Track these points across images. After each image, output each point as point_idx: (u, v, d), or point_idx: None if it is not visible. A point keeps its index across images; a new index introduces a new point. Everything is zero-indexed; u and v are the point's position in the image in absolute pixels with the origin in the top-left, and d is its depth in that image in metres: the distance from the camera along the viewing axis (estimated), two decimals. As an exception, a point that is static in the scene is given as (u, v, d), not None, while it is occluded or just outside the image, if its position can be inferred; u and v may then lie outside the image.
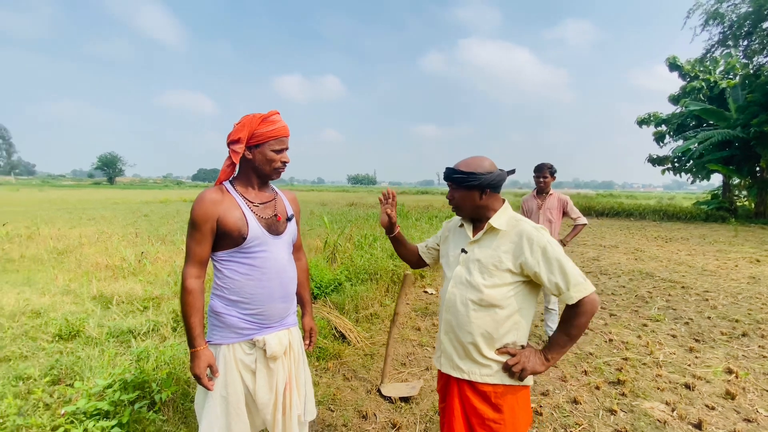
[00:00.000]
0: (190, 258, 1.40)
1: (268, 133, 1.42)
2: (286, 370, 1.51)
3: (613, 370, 3.14)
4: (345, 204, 22.48)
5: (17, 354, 3.32)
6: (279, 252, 1.48)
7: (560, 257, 1.29)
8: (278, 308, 1.49)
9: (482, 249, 1.39)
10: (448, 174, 1.41)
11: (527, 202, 3.84)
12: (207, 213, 1.37)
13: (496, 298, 1.34)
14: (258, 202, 1.48)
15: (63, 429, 1.77)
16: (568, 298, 1.28)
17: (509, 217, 1.40)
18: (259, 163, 1.45)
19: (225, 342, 1.44)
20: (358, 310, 3.86)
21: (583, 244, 10.11)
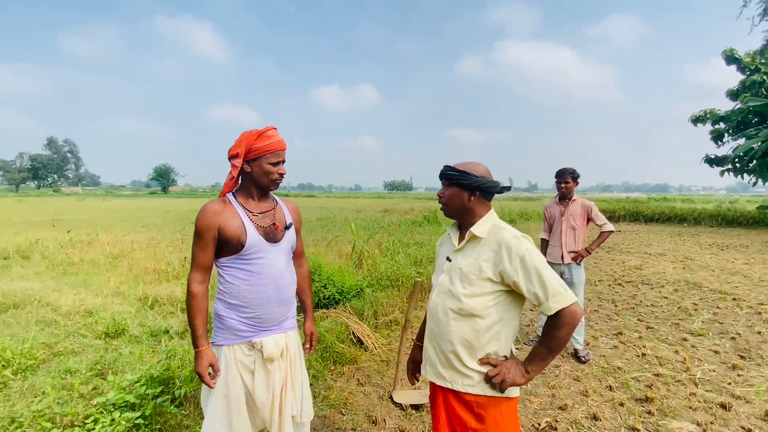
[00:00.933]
0: (195, 264, 1.53)
1: (264, 147, 1.52)
2: (282, 371, 1.59)
3: (641, 387, 2.96)
4: (379, 210, 22.68)
5: (69, 350, 3.68)
6: (276, 259, 1.57)
7: (539, 266, 1.28)
8: (275, 312, 1.58)
9: (464, 258, 1.41)
10: (443, 171, 1.44)
11: (549, 208, 3.73)
12: (209, 223, 1.49)
13: (476, 308, 1.34)
14: (257, 211, 1.58)
15: (93, 418, 1.96)
16: (546, 308, 1.27)
17: (492, 225, 1.40)
18: (257, 176, 1.55)
19: (226, 343, 1.55)
20: (378, 316, 3.92)
21: (625, 251, 9.54)
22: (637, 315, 4.65)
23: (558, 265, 3.58)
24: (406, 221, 14.31)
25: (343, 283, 4.07)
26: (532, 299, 1.30)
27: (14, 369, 3.15)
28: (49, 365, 3.32)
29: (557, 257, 3.57)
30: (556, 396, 2.84)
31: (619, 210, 18.74)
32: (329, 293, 3.89)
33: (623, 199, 30.34)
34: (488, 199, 1.43)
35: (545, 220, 3.76)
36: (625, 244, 10.64)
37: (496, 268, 1.32)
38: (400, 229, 11.67)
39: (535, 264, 1.28)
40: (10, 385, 2.98)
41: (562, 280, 1.30)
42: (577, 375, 3.14)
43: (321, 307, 3.86)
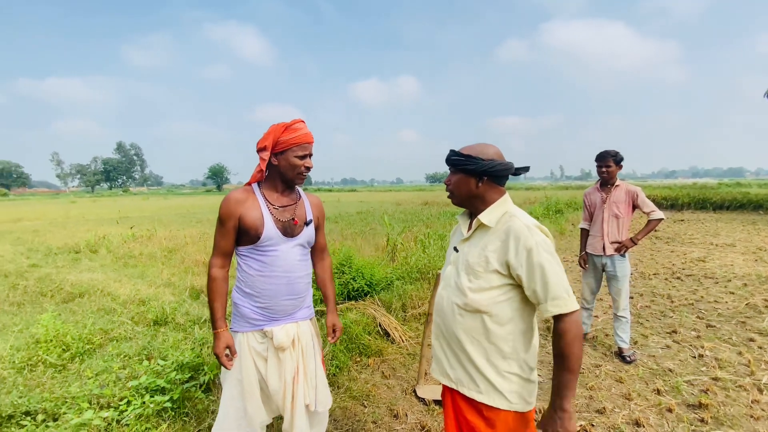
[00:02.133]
0: (216, 249, 1.58)
1: (291, 140, 1.52)
2: (294, 360, 1.60)
3: (695, 391, 2.67)
4: (419, 203, 22.50)
5: (123, 335, 4.00)
6: (290, 253, 1.58)
7: (545, 263, 1.15)
8: (284, 305, 1.59)
9: (471, 248, 1.30)
10: (448, 156, 1.34)
11: (590, 195, 3.43)
12: (230, 211, 1.53)
13: (482, 304, 1.23)
14: (278, 205, 1.59)
15: (127, 399, 2.10)
16: (543, 310, 1.16)
17: (503, 212, 1.28)
18: (284, 169, 1.56)
19: (241, 330, 1.59)
20: (406, 308, 3.86)
21: (688, 242, 8.69)
22: (696, 312, 4.20)
23: (599, 256, 3.30)
24: (446, 213, 14.06)
25: (372, 275, 4.06)
26: (531, 297, 1.19)
27: (73, 353, 3.47)
28: (104, 350, 3.62)
29: (598, 248, 3.29)
30: (593, 398, 2.63)
31: (682, 197, 17.11)
32: (358, 285, 3.90)
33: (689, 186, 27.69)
34: (500, 183, 1.31)
35: (585, 208, 3.47)
36: (688, 234, 9.70)
37: (502, 258, 1.21)
38: (439, 221, 11.49)
39: (541, 260, 1.15)
40: (68, 368, 3.29)
41: (568, 285, 1.17)
42: (620, 376, 2.89)
43: (350, 298, 3.87)
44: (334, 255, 4.43)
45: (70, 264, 7.63)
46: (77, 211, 24.23)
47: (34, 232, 12.86)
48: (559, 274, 1.16)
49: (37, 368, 3.27)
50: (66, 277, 6.39)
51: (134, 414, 2.02)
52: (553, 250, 1.20)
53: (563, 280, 1.16)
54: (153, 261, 7.84)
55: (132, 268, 7.30)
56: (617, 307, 3.25)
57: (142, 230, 11.84)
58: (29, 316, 4.70)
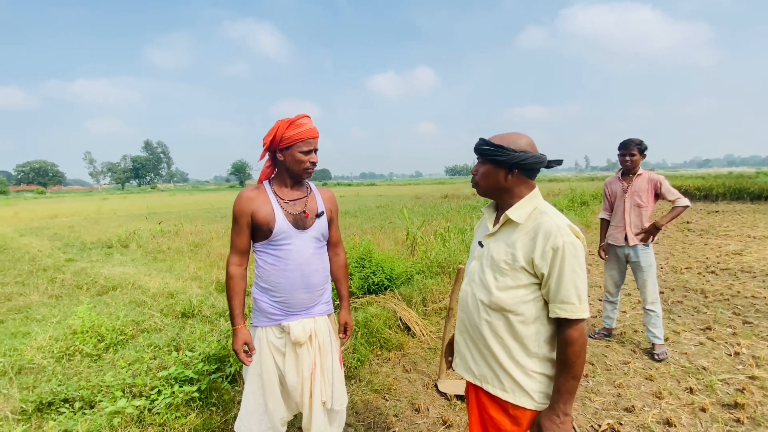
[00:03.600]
0: (232, 247, 1.61)
1: (295, 135, 1.53)
2: (311, 356, 1.61)
3: (731, 390, 2.55)
4: (439, 196, 22.33)
5: (153, 327, 4.15)
6: (303, 246, 1.59)
7: (567, 264, 1.11)
8: (301, 298, 1.60)
9: (497, 244, 1.26)
10: (477, 145, 1.27)
11: (610, 185, 3.32)
12: (242, 208, 1.56)
13: (508, 303, 1.20)
14: (288, 199, 1.61)
15: (158, 389, 2.18)
16: (550, 310, 1.14)
17: (533, 208, 1.22)
18: (290, 164, 1.58)
19: (261, 325, 1.62)
20: (427, 303, 3.85)
21: (723, 234, 8.29)
22: (732, 308, 4.01)
23: (621, 247, 3.20)
24: (466, 206, 13.90)
25: (392, 270, 4.06)
26: (544, 295, 1.17)
27: (107, 343, 3.63)
28: (136, 341, 3.77)
29: (619, 239, 3.20)
30: (622, 396, 2.55)
31: (717, 187, 16.28)
32: (378, 279, 3.91)
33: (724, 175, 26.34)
34: (531, 176, 1.25)
35: (605, 198, 3.36)
36: (723, 226, 9.25)
37: (528, 256, 1.17)
38: (459, 214, 11.37)
39: (565, 261, 1.12)
40: (104, 357, 3.44)
41: (584, 293, 1.13)
42: (650, 374, 2.79)
43: (370, 293, 3.89)
44: (354, 249, 4.45)
45: (103, 258, 7.98)
46: (109, 207, 25.27)
47: (70, 227, 13.50)
48: (577, 278, 1.12)
49: (75, 357, 3.44)
50: (100, 271, 6.69)
51: (164, 403, 2.10)
52: (582, 254, 1.15)
53: (580, 286, 1.12)
54: (180, 255, 8.09)
55: (161, 262, 7.56)
56: (645, 299, 3.14)
57: (170, 226, 12.24)
58: (66, 308, 4.95)
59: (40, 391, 2.66)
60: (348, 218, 12.65)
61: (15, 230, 13.19)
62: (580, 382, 1.16)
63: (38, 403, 2.56)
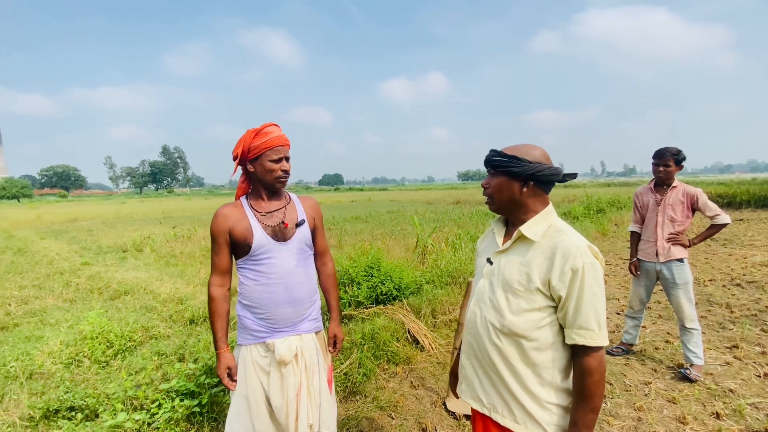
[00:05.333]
0: (212, 268, 1.56)
1: (262, 144, 1.49)
2: (297, 376, 1.53)
3: (761, 416, 2.38)
4: (451, 202, 22.15)
5: (162, 333, 4.15)
6: (285, 258, 1.53)
7: (587, 287, 1.03)
8: (285, 313, 1.53)
9: (509, 262, 1.17)
10: (488, 156, 1.20)
11: (642, 196, 3.11)
12: (219, 227, 1.52)
13: (521, 327, 1.11)
14: (265, 211, 1.56)
15: (158, 402, 2.14)
16: (567, 336, 1.06)
17: (548, 225, 1.14)
18: (261, 175, 1.53)
19: (245, 343, 1.55)
20: (436, 314, 3.75)
21: (748, 244, 7.94)
22: (760, 324, 3.80)
23: (652, 263, 3.00)
24: (478, 212, 13.72)
25: (401, 279, 3.97)
26: (560, 319, 1.08)
27: (116, 349, 3.63)
28: (143, 347, 3.77)
29: (651, 254, 2.99)
30: (642, 420, 2.41)
31: (741, 194, 15.69)
32: (386, 289, 3.83)
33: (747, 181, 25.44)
34: (546, 190, 1.18)
35: (636, 210, 3.16)
36: (748, 236, 8.87)
37: (545, 277, 1.09)
38: (471, 221, 11.21)
39: (584, 283, 1.03)
40: (111, 364, 3.44)
41: (604, 318, 1.05)
42: (674, 396, 2.63)
43: (378, 302, 3.81)
44: (363, 256, 4.38)
45: (117, 262, 8.09)
46: (126, 211, 25.83)
47: (88, 231, 13.80)
48: (597, 302, 1.04)
49: (83, 363, 3.45)
50: (113, 275, 6.77)
51: (164, 417, 2.05)
52: (601, 276, 1.07)
53: (600, 310, 1.04)
54: (192, 260, 8.14)
55: (173, 267, 7.62)
56: (683, 318, 2.90)
57: (183, 230, 12.38)
58: (79, 312, 5.00)
59: (47, 397, 2.66)
60: (359, 224, 12.61)
61: (36, 233, 13.55)
62: (598, 414, 1.07)
63: (45, 410, 2.56)
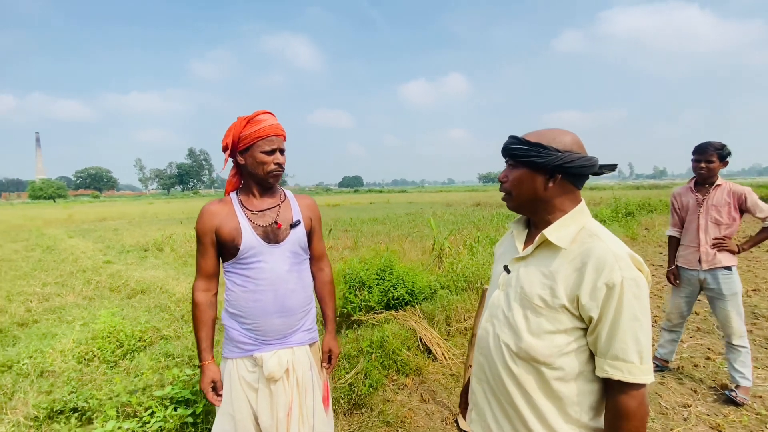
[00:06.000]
0: (198, 271, 1.42)
1: (254, 133, 1.34)
2: (288, 394, 1.38)
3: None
4: (471, 204, 21.73)
5: (172, 335, 4.10)
6: (276, 262, 1.38)
7: (626, 308, 0.83)
8: (275, 324, 1.38)
9: (530, 272, 0.97)
10: (507, 144, 1.00)
11: (681, 196, 2.79)
12: (204, 226, 1.38)
13: (542, 352, 0.90)
14: (257, 209, 1.41)
15: (152, 410, 2.03)
16: (599, 366, 0.86)
17: (579, 228, 0.93)
18: (252, 167, 1.38)
19: (231, 356, 1.41)
20: (450, 322, 3.54)
21: (796, 251, 7.33)
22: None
23: (694, 271, 2.68)
24: (498, 215, 13.34)
25: (414, 283, 3.78)
26: (590, 344, 0.88)
27: (125, 349, 3.59)
28: (153, 348, 3.72)
29: (692, 261, 2.67)
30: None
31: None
32: (398, 294, 3.65)
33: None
34: (577, 185, 0.96)
35: (674, 212, 2.85)
36: (796, 242, 8.20)
37: (573, 292, 0.89)
38: (491, 223, 10.88)
39: (623, 303, 0.83)
40: (119, 364, 3.40)
41: (647, 349, 0.84)
42: (717, 422, 2.34)
43: (390, 308, 3.63)
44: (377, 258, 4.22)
45: (138, 261, 8.22)
46: (153, 211, 26.61)
47: (114, 230, 14.22)
48: (639, 328, 0.83)
49: (93, 363, 3.42)
50: (132, 274, 6.86)
51: (155, 427, 1.94)
52: (646, 295, 0.85)
53: (642, 338, 0.83)
54: (209, 260, 8.19)
55: (190, 266, 7.67)
56: (730, 333, 2.58)
57: (204, 230, 12.53)
58: (96, 310, 5.04)
59: (52, 397, 2.62)
60: (376, 225, 12.47)
61: (66, 232, 14.06)
62: None
63: (49, 410, 2.51)
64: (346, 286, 3.89)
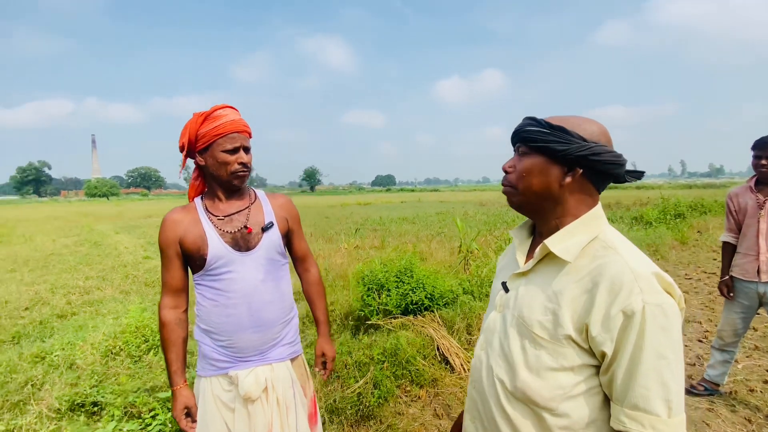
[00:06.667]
0: (163, 287, 1.31)
1: (213, 131, 1.22)
2: (267, 414, 1.27)
3: None
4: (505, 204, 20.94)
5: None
6: (249, 272, 1.26)
7: (649, 345, 0.65)
8: (251, 340, 1.27)
9: (530, 291, 0.80)
10: (521, 126, 0.82)
11: (737, 197, 2.47)
12: (167, 237, 1.27)
13: (541, 395, 0.74)
14: (223, 214, 1.29)
15: (155, 412, 2.02)
16: (614, 416, 0.69)
17: (591, 238, 0.76)
18: (214, 169, 1.26)
19: (205, 374, 1.31)
20: (472, 330, 3.34)
21: None
22: None
23: (752, 283, 2.37)
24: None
25: (434, 287, 3.61)
26: (604, 385, 0.71)
27: (149, 345, 3.68)
28: (175, 344, 3.79)
29: (750, 272, 2.36)
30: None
31: None
32: (417, 298, 3.49)
33: None
34: (599, 186, 0.79)
35: (729, 215, 2.52)
36: None
37: (581, 320, 0.71)
38: (526, 224, 10.41)
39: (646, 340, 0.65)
40: (144, 359, 3.48)
41: (678, 396, 0.65)
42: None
43: (407, 313, 3.49)
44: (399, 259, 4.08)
45: (173, 257, 8.56)
46: (194, 209, 27.84)
47: (157, 227, 14.89)
48: (665, 369, 0.65)
49: (119, 357, 3.53)
50: (167, 270, 7.14)
51: (156, 430, 1.92)
52: (677, 326, 0.66)
53: (670, 383, 0.65)
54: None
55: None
56: None
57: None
58: (130, 304, 5.26)
59: (75, 391, 2.71)
60: (405, 225, 12.32)
61: (113, 228, 14.97)
62: None
63: (71, 402, 2.59)
64: (365, 288, 3.78)
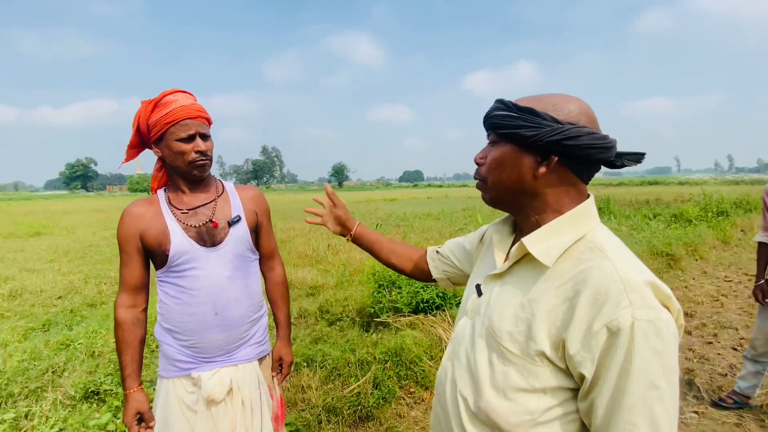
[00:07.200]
0: (121, 284, 1.25)
1: (163, 119, 1.15)
2: (231, 416, 1.22)
3: None
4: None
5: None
6: (214, 268, 1.21)
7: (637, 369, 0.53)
8: (215, 340, 1.22)
9: (504, 297, 0.70)
10: (489, 112, 0.73)
11: None
12: (127, 231, 1.20)
13: (507, 420, 0.64)
14: (187, 208, 1.23)
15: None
16: None
17: (577, 237, 0.66)
18: (170, 159, 1.20)
19: (167, 375, 1.25)
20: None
21: None
22: None
23: None
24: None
25: (444, 286, 3.51)
26: (583, 414, 0.60)
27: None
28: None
29: None
30: None
31: None
32: (428, 296, 3.40)
33: None
34: (581, 175, 0.69)
35: (765, 213, 2.29)
36: None
37: (558, 334, 0.61)
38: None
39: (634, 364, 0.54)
40: (158, 351, 3.59)
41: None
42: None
43: (418, 311, 3.40)
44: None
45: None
46: (226, 204, 28.76)
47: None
48: (656, 401, 0.53)
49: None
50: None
51: (153, 422, 1.96)
52: (672, 347, 0.55)
53: (660, 418, 0.53)
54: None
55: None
56: None
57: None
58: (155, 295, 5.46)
59: (90, 379, 2.82)
60: (429, 221, 12.17)
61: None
62: None
63: (85, 390, 2.69)
64: (375, 284, 3.73)
